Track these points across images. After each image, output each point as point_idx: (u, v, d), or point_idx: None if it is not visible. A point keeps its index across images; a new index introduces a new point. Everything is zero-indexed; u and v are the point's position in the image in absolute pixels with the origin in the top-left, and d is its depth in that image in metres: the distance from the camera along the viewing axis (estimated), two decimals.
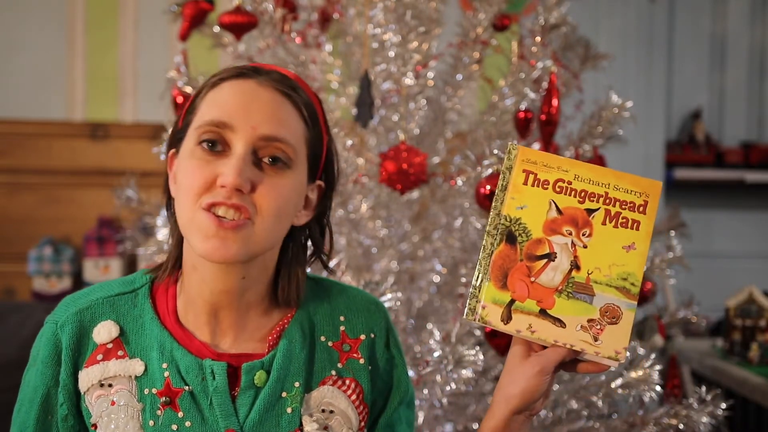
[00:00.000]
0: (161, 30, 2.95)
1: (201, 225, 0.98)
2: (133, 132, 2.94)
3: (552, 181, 1.01)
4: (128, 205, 2.21)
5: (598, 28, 3.36)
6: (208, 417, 1.02)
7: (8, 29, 2.93)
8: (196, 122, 1.02)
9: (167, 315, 1.07)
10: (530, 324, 0.98)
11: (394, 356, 1.15)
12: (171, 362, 1.04)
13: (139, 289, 1.09)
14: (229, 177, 0.96)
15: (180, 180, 1.02)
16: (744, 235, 3.78)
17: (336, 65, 2.12)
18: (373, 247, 1.92)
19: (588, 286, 0.99)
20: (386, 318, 1.16)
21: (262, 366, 1.05)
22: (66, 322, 1.06)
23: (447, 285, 1.98)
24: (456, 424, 1.83)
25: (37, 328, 1.09)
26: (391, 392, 1.15)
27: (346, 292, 1.16)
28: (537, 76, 1.87)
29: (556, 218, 1.00)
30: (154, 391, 1.03)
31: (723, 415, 1.76)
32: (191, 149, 1.01)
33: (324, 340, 1.10)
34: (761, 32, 3.79)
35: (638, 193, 1.01)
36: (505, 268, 1.00)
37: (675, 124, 3.75)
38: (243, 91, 1.01)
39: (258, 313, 1.08)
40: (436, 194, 1.97)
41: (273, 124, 1.00)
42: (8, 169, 2.92)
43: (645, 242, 1.00)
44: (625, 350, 0.98)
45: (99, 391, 1.03)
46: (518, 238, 1.00)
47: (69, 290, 2.81)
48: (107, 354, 1.04)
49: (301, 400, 1.06)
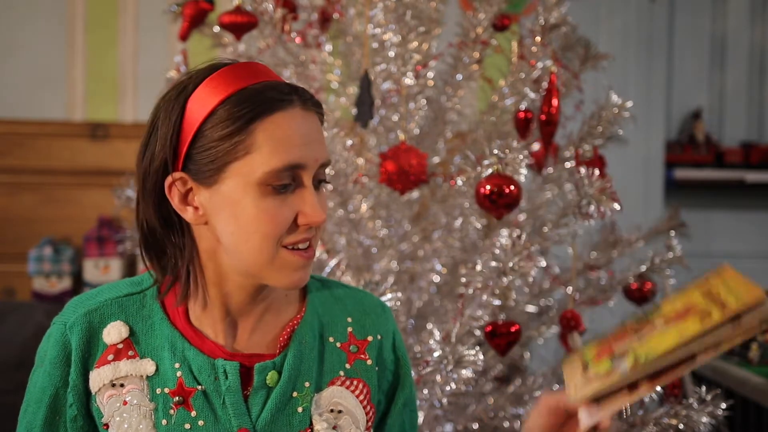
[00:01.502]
0: (161, 30, 2.95)
1: (287, 263, 1.01)
2: (133, 132, 2.94)
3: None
4: (128, 205, 2.21)
5: (598, 28, 3.35)
6: (221, 416, 1.03)
7: (8, 29, 2.93)
8: (256, 164, 0.98)
9: (177, 315, 1.07)
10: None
11: (400, 358, 1.17)
12: (183, 362, 1.04)
13: (147, 289, 1.09)
14: (321, 215, 1.00)
15: (248, 223, 0.99)
16: (744, 235, 3.77)
17: (336, 65, 2.12)
18: (373, 247, 1.92)
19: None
20: (392, 320, 1.19)
21: (273, 366, 1.06)
22: (75, 323, 1.06)
23: (447, 285, 1.97)
24: (456, 424, 1.83)
25: (37, 328, 1.09)
26: (396, 393, 1.17)
27: (353, 293, 1.18)
28: (537, 76, 1.87)
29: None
30: (166, 391, 1.03)
31: (723, 415, 1.76)
32: (260, 192, 0.98)
33: (332, 341, 1.12)
34: (761, 32, 3.79)
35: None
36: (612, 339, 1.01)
37: (675, 124, 3.75)
38: (299, 123, 1.00)
39: (272, 312, 1.10)
40: (436, 194, 1.97)
41: (325, 150, 1.03)
42: (8, 169, 2.92)
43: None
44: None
45: (110, 391, 1.04)
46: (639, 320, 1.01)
47: (69, 290, 2.81)
48: (118, 354, 1.05)
49: (312, 400, 1.07)
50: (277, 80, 1.03)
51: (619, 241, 2.12)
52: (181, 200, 1.02)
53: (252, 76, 1.01)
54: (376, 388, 1.13)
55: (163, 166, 1.02)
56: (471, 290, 1.65)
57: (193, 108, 1.00)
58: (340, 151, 1.83)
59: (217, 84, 1.00)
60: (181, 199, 1.02)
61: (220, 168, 0.99)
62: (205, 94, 1.00)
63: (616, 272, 2.08)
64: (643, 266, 2.04)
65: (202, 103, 1.00)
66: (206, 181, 1.00)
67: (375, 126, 1.88)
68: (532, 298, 2.05)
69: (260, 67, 1.04)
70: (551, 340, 2.11)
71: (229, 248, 1.02)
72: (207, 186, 1.00)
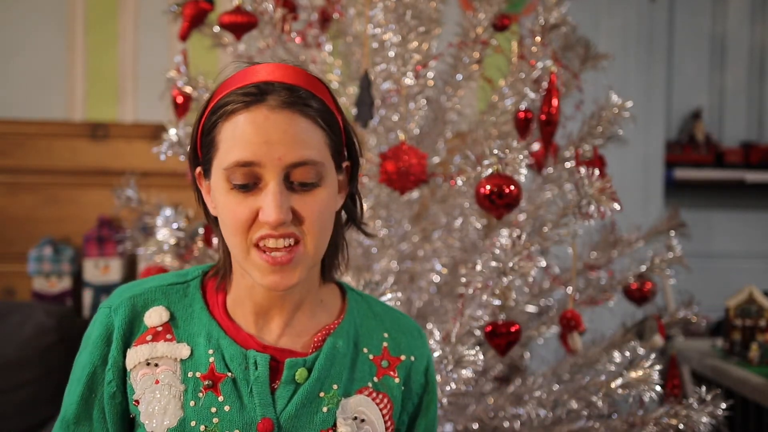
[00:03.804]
0: (161, 30, 2.95)
1: (256, 263, 1.03)
2: (133, 132, 2.94)
3: None
4: (128, 205, 2.21)
5: (598, 28, 3.35)
6: (246, 404, 1.06)
7: (8, 29, 2.93)
8: (220, 161, 1.03)
9: (216, 307, 1.12)
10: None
11: (429, 383, 1.20)
12: (217, 349, 1.09)
13: (191, 281, 1.15)
14: (271, 215, 1.00)
15: (221, 217, 1.06)
16: (744, 235, 3.77)
17: (336, 65, 2.12)
18: (373, 247, 1.92)
19: None
20: (428, 346, 1.21)
21: (304, 364, 1.09)
22: (120, 306, 1.11)
23: (447, 285, 1.97)
24: (456, 424, 1.83)
25: (38, 328, 1.10)
26: (419, 417, 1.20)
27: (391, 312, 1.22)
28: (537, 76, 1.87)
29: None
30: (197, 375, 1.07)
31: (723, 415, 1.76)
32: (224, 188, 1.03)
33: (366, 352, 1.15)
34: (761, 32, 3.79)
35: None
36: None
37: (675, 124, 3.75)
38: (258, 123, 1.01)
39: (306, 313, 1.13)
40: (436, 194, 1.97)
41: (296, 150, 1.01)
42: (8, 169, 2.92)
43: None
44: None
45: (145, 370, 1.08)
46: None
47: (69, 290, 2.81)
48: (156, 336, 1.09)
49: (338, 403, 1.09)
50: (265, 81, 1.03)
51: (619, 241, 2.12)
52: (206, 193, 1.10)
53: (247, 78, 1.05)
54: (400, 407, 1.15)
55: (192, 162, 1.11)
56: (471, 290, 1.65)
57: (207, 110, 1.08)
58: None
59: (221, 86, 1.07)
60: (206, 192, 1.10)
61: (209, 163, 1.06)
62: (214, 96, 1.07)
63: (616, 272, 2.08)
64: (643, 266, 2.04)
65: (210, 105, 1.07)
66: (207, 176, 1.08)
67: (375, 126, 1.88)
68: (532, 298, 2.05)
69: (260, 69, 1.06)
70: (551, 340, 2.11)
71: (227, 241, 1.07)
72: (209, 180, 1.08)
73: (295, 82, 1.05)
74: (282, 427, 1.06)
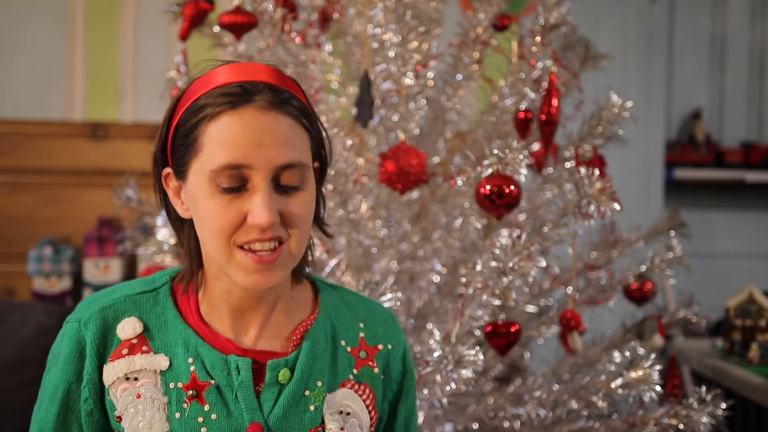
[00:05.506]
0: (161, 30, 2.95)
1: (241, 263, 1.01)
2: (133, 132, 2.94)
3: None
4: (128, 205, 2.21)
5: (598, 28, 3.35)
6: (233, 410, 1.05)
7: (8, 29, 2.93)
8: (203, 163, 1.00)
9: (190, 313, 1.10)
10: None
11: (407, 369, 1.20)
12: (196, 357, 1.06)
13: (160, 288, 1.12)
14: (262, 218, 0.98)
15: (203, 220, 1.02)
16: (744, 235, 3.77)
17: (336, 65, 2.12)
18: (373, 247, 1.92)
19: None
20: (401, 331, 1.21)
21: (286, 364, 1.08)
22: (89, 320, 1.08)
23: (447, 285, 1.97)
24: (456, 424, 1.83)
25: (37, 328, 1.09)
26: (399, 404, 1.20)
27: (362, 301, 1.21)
28: (537, 76, 1.87)
29: None
30: (179, 385, 1.05)
31: (723, 415, 1.76)
32: (209, 191, 1.00)
33: (344, 345, 1.14)
34: (761, 32, 3.79)
35: None
36: None
37: (675, 124, 3.75)
38: (247, 124, 0.99)
39: (281, 312, 1.12)
40: (436, 194, 1.97)
41: (286, 152, 1.00)
42: (8, 169, 2.92)
43: None
44: None
45: (124, 384, 1.06)
46: None
47: (69, 290, 2.81)
48: (132, 349, 1.07)
49: (323, 400, 1.09)
50: (249, 80, 1.01)
51: (619, 241, 2.12)
52: (174, 195, 1.07)
53: (227, 76, 1.02)
54: (381, 396, 1.15)
55: (159, 162, 1.08)
56: (471, 290, 1.65)
57: (179, 109, 1.04)
58: (340, 151, 1.83)
59: (196, 85, 1.04)
60: (175, 194, 1.07)
61: (185, 164, 1.03)
62: (188, 95, 1.04)
63: (616, 272, 2.08)
64: (643, 266, 2.04)
65: (183, 104, 1.04)
66: (181, 177, 1.04)
67: (375, 126, 1.88)
68: (532, 298, 2.05)
69: (238, 68, 1.04)
70: (551, 340, 2.11)
71: (203, 245, 1.05)
72: (183, 182, 1.05)
73: (275, 82, 1.03)
74: (272, 430, 1.05)
